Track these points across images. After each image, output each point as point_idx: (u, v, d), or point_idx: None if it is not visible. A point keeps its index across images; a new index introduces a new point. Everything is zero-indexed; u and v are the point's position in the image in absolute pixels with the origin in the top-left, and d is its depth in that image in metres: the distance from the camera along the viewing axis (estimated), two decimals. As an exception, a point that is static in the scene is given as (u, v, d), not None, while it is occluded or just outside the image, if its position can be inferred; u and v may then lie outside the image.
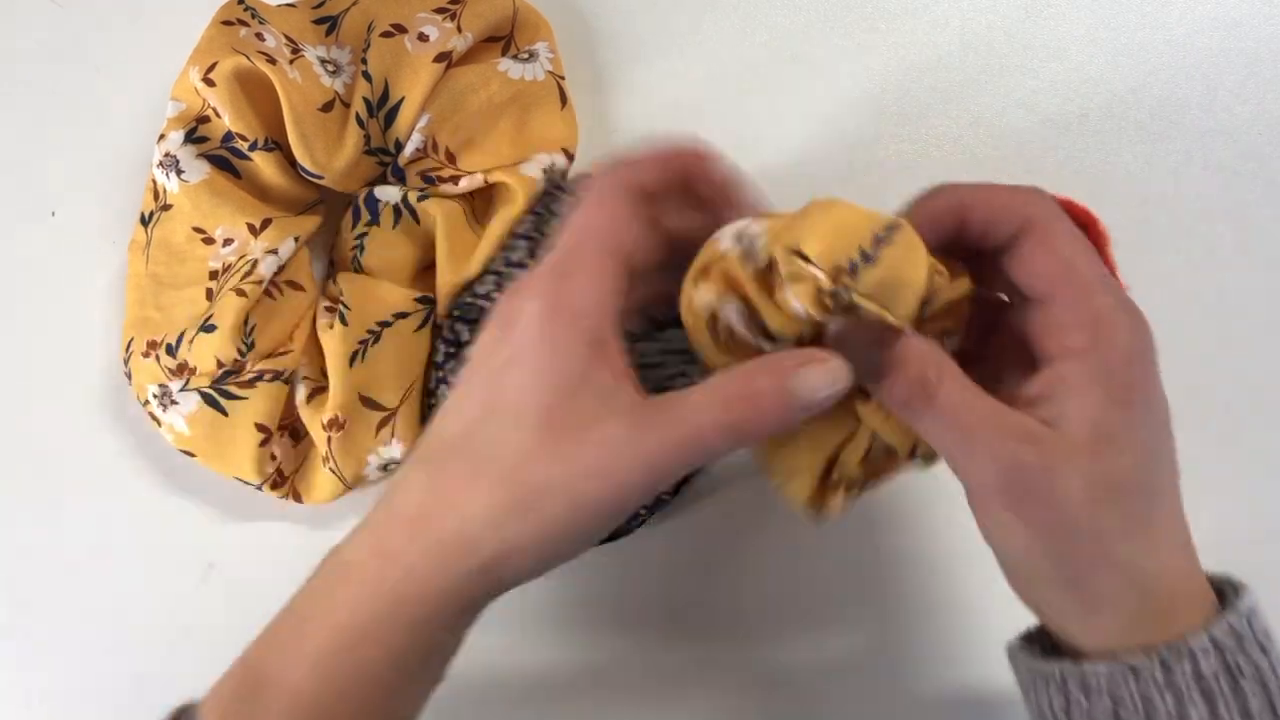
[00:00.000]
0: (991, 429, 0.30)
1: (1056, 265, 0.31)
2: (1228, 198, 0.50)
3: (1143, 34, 0.51)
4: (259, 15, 0.46)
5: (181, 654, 0.49)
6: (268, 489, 0.46)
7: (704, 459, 0.31)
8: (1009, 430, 0.30)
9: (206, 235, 0.46)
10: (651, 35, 0.50)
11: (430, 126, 0.46)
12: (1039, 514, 0.30)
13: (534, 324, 0.31)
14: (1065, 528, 0.30)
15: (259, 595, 0.49)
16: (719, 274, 0.32)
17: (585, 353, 0.30)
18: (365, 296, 0.46)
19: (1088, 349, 0.30)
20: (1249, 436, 0.49)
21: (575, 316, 0.31)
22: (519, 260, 0.45)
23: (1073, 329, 0.31)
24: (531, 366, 0.31)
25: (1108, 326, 0.31)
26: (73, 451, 0.49)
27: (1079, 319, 0.31)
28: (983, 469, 0.30)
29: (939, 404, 0.30)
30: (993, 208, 0.32)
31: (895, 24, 0.51)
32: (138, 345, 0.46)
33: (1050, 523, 0.30)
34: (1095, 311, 0.31)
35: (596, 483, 0.30)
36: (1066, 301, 0.31)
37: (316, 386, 0.46)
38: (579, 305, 0.31)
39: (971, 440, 0.30)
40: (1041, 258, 0.31)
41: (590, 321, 0.31)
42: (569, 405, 0.30)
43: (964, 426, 0.30)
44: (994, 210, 0.32)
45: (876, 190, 0.51)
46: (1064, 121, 0.50)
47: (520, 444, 0.30)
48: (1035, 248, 0.31)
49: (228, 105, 0.44)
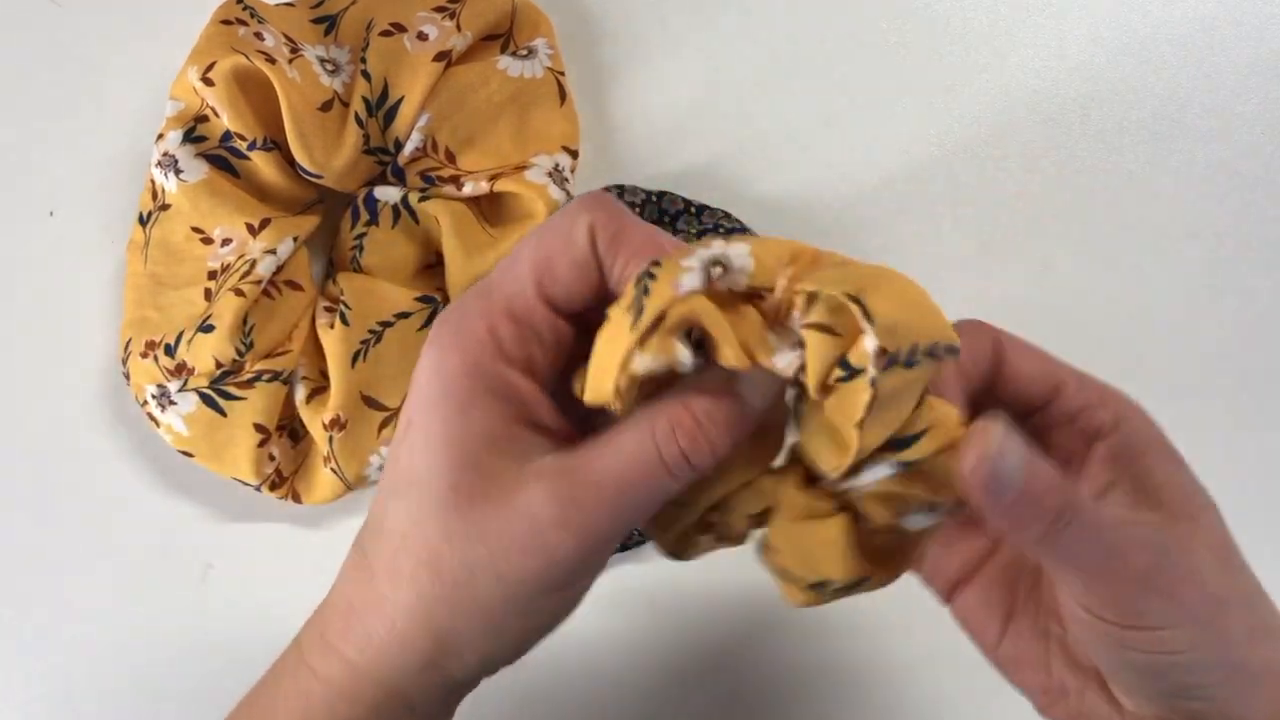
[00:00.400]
0: (1125, 528, 0.27)
1: (1044, 366, 0.30)
2: (1230, 197, 0.50)
3: (1144, 33, 0.50)
4: (258, 14, 0.46)
5: (180, 654, 0.49)
6: (266, 489, 0.46)
7: (650, 508, 0.27)
8: (1142, 540, 0.27)
9: (205, 235, 0.46)
10: (652, 32, 0.50)
11: (430, 126, 0.45)
12: (1192, 595, 0.27)
13: (429, 380, 0.27)
14: (1216, 602, 0.28)
15: (258, 595, 0.49)
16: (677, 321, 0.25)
17: (491, 407, 0.27)
18: (366, 296, 0.46)
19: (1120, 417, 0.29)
20: (1251, 436, 0.49)
21: (474, 366, 0.27)
22: None
23: (1097, 405, 0.30)
24: (427, 433, 0.27)
25: (1120, 399, 0.30)
26: (71, 452, 0.49)
27: (1094, 396, 0.30)
28: (1130, 582, 0.27)
29: (1082, 523, 0.26)
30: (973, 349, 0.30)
31: (896, 23, 0.50)
32: (136, 345, 0.46)
33: (1203, 601, 0.27)
34: (1100, 388, 0.30)
35: (526, 559, 0.26)
36: (1072, 388, 0.30)
37: (316, 386, 0.46)
38: (477, 354, 0.27)
39: (1112, 546, 0.27)
40: (1030, 365, 0.30)
41: (493, 368, 0.27)
42: (477, 475, 0.26)
43: (1106, 539, 0.27)
44: (976, 350, 0.30)
45: (877, 189, 0.51)
46: (1065, 121, 0.50)
47: (432, 525, 0.27)
48: (1019, 361, 0.30)
49: (226, 105, 0.44)
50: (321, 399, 0.46)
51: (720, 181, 0.50)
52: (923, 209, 0.50)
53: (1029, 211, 0.50)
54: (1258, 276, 0.50)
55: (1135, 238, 0.50)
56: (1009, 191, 0.50)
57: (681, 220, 0.47)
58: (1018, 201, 0.50)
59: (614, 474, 0.26)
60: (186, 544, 0.49)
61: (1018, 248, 0.50)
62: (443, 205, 0.46)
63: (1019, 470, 0.25)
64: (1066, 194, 0.50)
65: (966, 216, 0.50)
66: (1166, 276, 0.50)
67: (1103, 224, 0.50)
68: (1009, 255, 0.50)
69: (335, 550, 0.29)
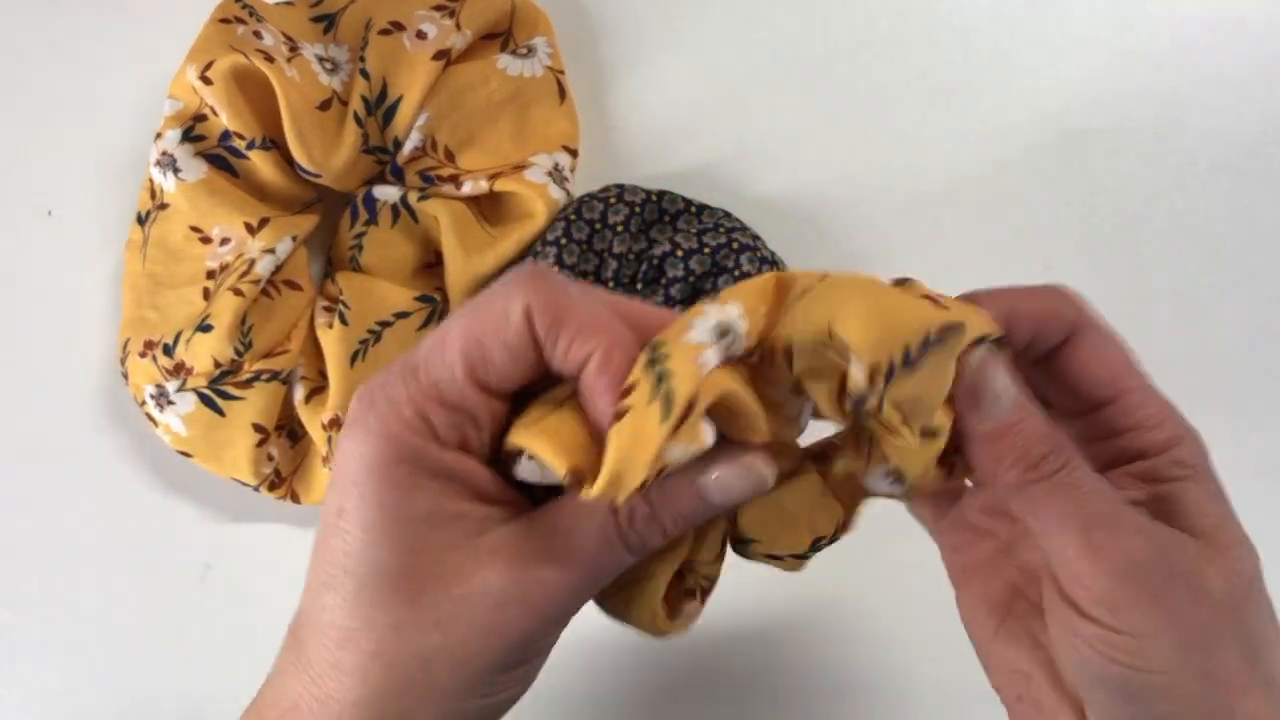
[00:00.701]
0: (1127, 520, 0.26)
1: (1115, 364, 0.28)
2: (1231, 197, 0.50)
3: (1146, 32, 0.50)
4: (257, 13, 0.46)
5: (179, 654, 0.49)
6: (265, 489, 0.46)
7: (611, 576, 0.26)
8: (1138, 525, 0.26)
9: (204, 234, 0.46)
10: (653, 31, 0.50)
11: (429, 125, 0.45)
12: (1183, 608, 0.25)
13: (359, 466, 0.25)
14: (1212, 629, 0.25)
15: (256, 596, 0.49)
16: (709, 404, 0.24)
17: (431, 488, 0.25)
18: (365, 296, 0.46)
19: (1172, 442, 0.28)
20: (1251, 436, 0.49)
21: (407, 451, 0.25)
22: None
23: (1153, 426, 0.28)
24: (363, 519, 0.25)
25: (1180, 423, 0.28)
26: (69, 452, 0.49)
27: (1154, 415, 0.28)
28: (1112, 565, 0.25)
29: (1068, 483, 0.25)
30: (1039, 315, 0.28)
31: (896, 22, 0.50)
32: (134, 345, 0.46)
33: (1195, 620, 0.25)
34: (1165, 407, 0.28)
35: (487, 640, 0.25)
36: (1134, 401, 0.28)
37: (315, 386, 0.46)
38: (409, 438, 0.25)
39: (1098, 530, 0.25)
40: (1098, 360, 0.28)
41: (426, 451, 0.25)
42: (424, 558, 0.25)
43: (1092, 513, 0.25)
44: (1042, 318, 0.28)
45: (877, 189, 0.51)
46: (1067, 120, 0.50)
47: (379, 615, 0.25)
48: (1089, 350, 0.28)
49: (225, 104, 0.44)
50: (320, 399, 0.46)
51: (720, 181, 0.50)
52: (923, 209, 0.50)
53: (1029, 211, 0.50)
54: (1258, 276, 0.50)
55: (1135, 238, 0.50)
56: (1009, 192, 0.50)
57: (681, 220, 0.47)
58: (1018, 202, 0.50)
59: (573, 549, 0.25)
60: (185, 544, 0.49)
61: (1018, 248, 0.50)
62: (442, 204, 0.46)
63: (1006, 395, 0.25)
64: (1066, 194, 0.50)
65: (967, 216, 0.50)
66: (1166, 276, 0.50)
67: (1103, 224, 0.50)
68: (1009, 255, 0.50)
69: (334, 551, 0.29)
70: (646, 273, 0.45)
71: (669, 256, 0.45)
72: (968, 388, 0.25)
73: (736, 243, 0.45)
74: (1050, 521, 0.26)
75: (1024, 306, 0.28)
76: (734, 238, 0.46)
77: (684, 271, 0.45)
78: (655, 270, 0.45)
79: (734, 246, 0.45)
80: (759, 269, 0.45)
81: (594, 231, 0.46)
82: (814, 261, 0.49)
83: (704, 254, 0.45)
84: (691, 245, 0.45)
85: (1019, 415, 0.26)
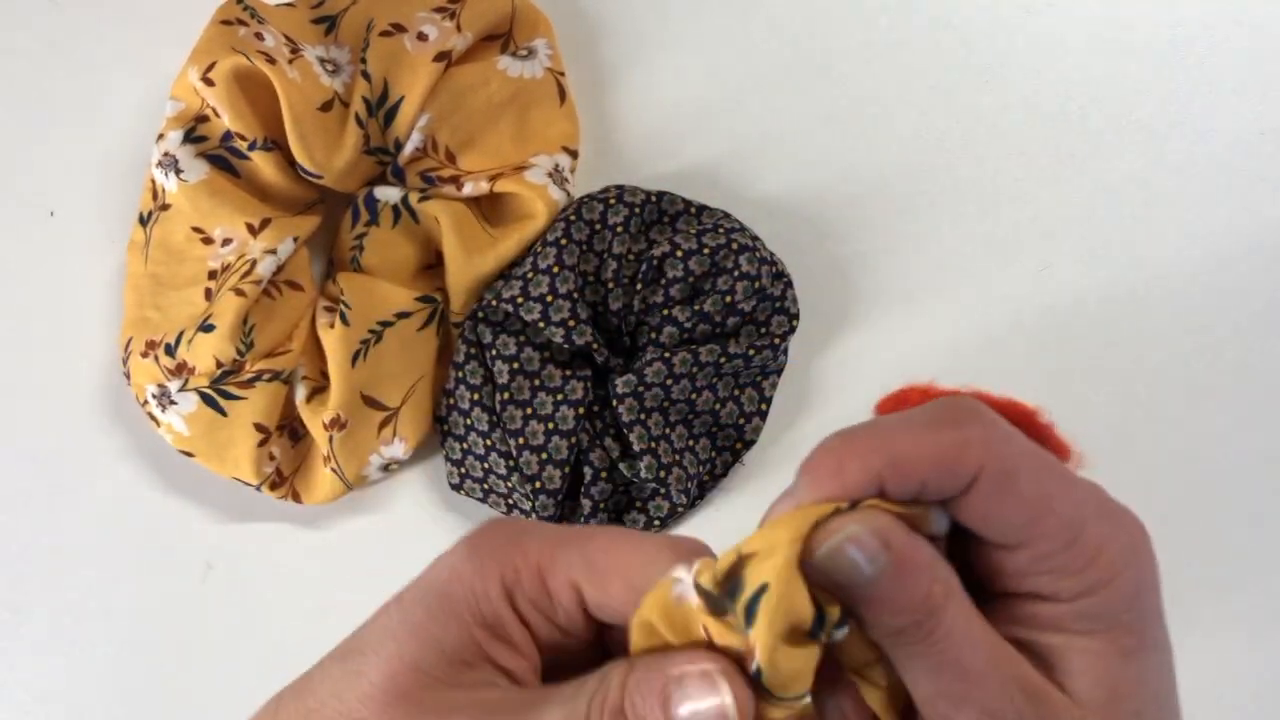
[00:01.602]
0: (996, 678, 0.24)
1: (1028, 509, 0.24)
2: (1231, 197, 0.50)
3: (1145, 33, 0.50)
4: (258, 15, 0.46)
5: (180, 654, 0.49)
6: (266, 489, 0.46)
7: None
8: (1015, 682, 0.24)
9: (205, 235, 0.46)
10: (653, 31, 0.50)
11: (430, 126, 0.45)
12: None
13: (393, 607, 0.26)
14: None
15: (258, 596, 0.49)
16: None
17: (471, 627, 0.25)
18: (366, 296, 0.46)
19: (1084, 594, 0.25)
20: (1251, 436, 0.49)
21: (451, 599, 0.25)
22: (547, 267, 0.45)
23: (1063, 574, 0.25)
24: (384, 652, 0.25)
25: (1105, 567, 0.25)
26: (71, 451, 0.49)
27: (1068, 563, 0.25)
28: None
29: (940, 633, 0.23)
30: (927, 466, 0.24)
31: (896, 21, 0.50)
32: (136, 345, 0.46)
33: None
34: (1086, 552, 0.25)
35: None
36: (1048, 547, 0.25)
37: (316, 386, 0.46)
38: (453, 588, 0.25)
39: (968, 686, 0.23)
40: (1008, 506, 0.24)
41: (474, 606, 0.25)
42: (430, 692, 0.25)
43: (964, 668, 0.23)
44: (930, 469, 0.24)
45: (877, 189, 0.51)
46: (1065, 120, 0.50)
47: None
48: (996, 496, 0.24)
49: (227, 105, 0.44)
50: (321, 399, 0.46)
51: (720, 181, 0.50)
52: (923, 209, 0.50)
53: (1029, 211, 0.50)
54: (1257, 276, 0.50)
55: (1135, 238, 0.50)
56: (1009, 191, 0.50)
57: (681, 221, 0.47)
58: (1018, 201, 0.50)
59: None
60: (187, 543, 0.49)
61: (1018, 248, 0.50)
62: (443, 205, 0.46)
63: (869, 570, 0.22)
64: (1066, 194, 0.50)
65: (967, 216, 0.50)
66: (1166, 276, 0.50)
67: (1103, 224, 0.50)
68: (1009, 255, 0.50)
69: (335, 550, 0.29)
70: (646, 273, 0.46)
71: (668, 257, 0.45)
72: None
73: (736, 243, 0.46)
74: (922, 681, 0.24)
75: (913, 453, 0.24)
76: (733, 238, 0.46)
77: (683, 272, 0.45)
78: (655, 271, 0.45)
79: (733, 247, 0.45)
80: (758, 269, 0.45)
81: (594, 232, 0.46)
82: (814, 261, 0.49)
83: (703, 254, 0.45)
84: (691, 246, 0.45)
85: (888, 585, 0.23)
